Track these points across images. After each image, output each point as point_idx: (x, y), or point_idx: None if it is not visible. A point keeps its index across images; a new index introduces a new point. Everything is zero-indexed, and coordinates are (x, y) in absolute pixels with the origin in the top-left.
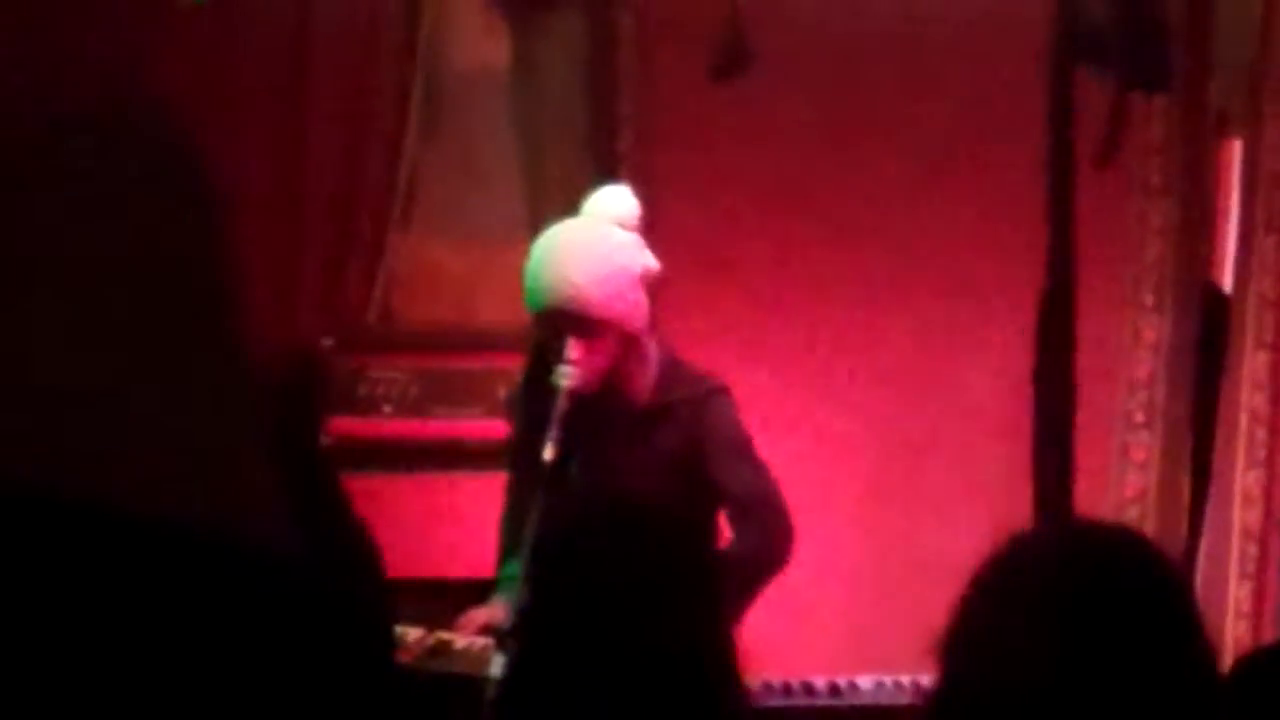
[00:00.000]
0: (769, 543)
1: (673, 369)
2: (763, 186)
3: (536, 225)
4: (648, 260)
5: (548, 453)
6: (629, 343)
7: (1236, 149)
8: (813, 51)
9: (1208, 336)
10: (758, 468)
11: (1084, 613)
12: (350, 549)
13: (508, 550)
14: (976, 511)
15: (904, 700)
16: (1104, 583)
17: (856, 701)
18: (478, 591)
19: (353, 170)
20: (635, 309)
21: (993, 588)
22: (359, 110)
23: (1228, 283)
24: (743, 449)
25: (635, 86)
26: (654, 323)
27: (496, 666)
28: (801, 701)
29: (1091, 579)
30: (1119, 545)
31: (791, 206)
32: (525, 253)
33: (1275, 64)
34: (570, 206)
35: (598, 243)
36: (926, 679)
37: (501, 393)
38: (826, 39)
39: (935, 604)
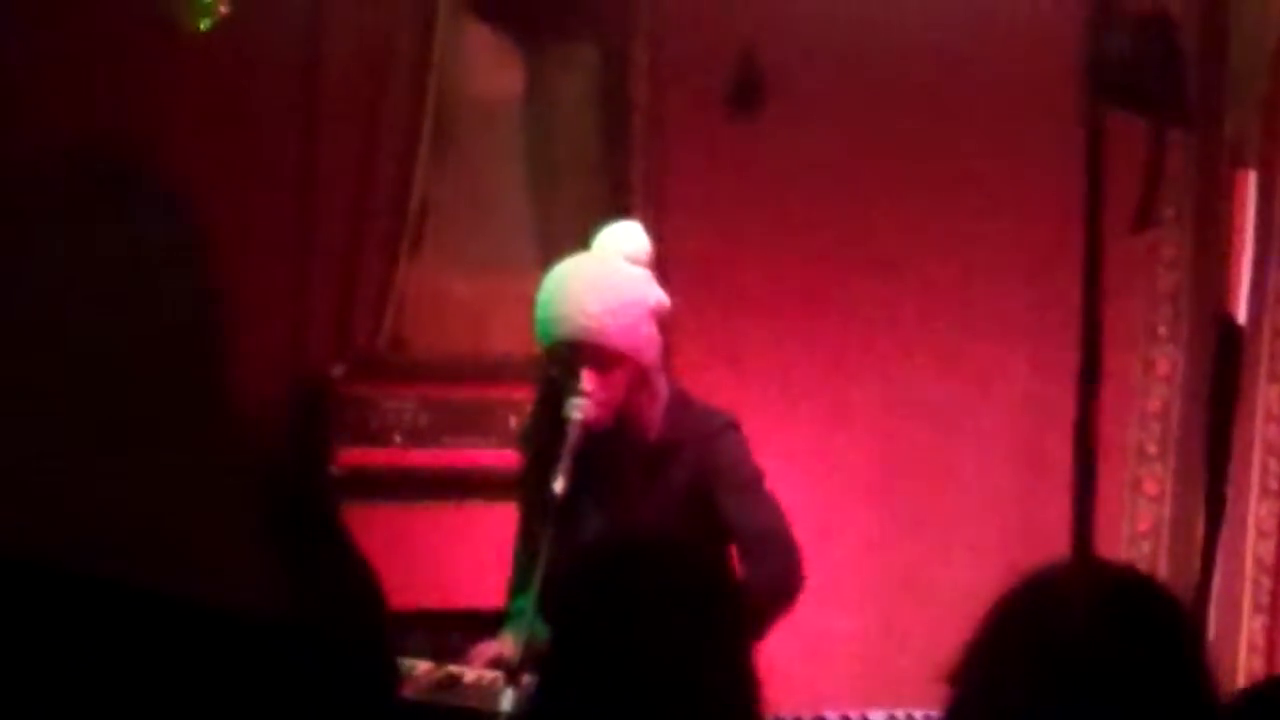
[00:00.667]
0: (778, 578)
1: (683, 404)
2: (777, 217)
3: (548, 255)
4: (660, 295)
5: (558, 485)
6: (641, 377)
7: (1251, 180)
8: (828, 83)
9: (1221, 368)
10: (768, 504)
11: (1091, 655)
12: (352, 582)
13: (518, 583)
14: (990, 542)
15: None
16: (1113, 624)
17: None
18: (488, 622)
19: (363, 199)
20: (649, 343)
21: (1002, 625)
22: (370, 138)
23: (1242, 314)
24: (753, 485)
25: (648, 117)
26: (665, 357)
27: (506, 701)
28: None
29: (1100, 621)
30: (1129, 587)
31: (806, 237)
32: (536, 282)
33: None
34: (582, 237)
35: (611, 276)
36: (937, 713)
37: (512, 422)
38: (843, 70)
39: (947, 634)
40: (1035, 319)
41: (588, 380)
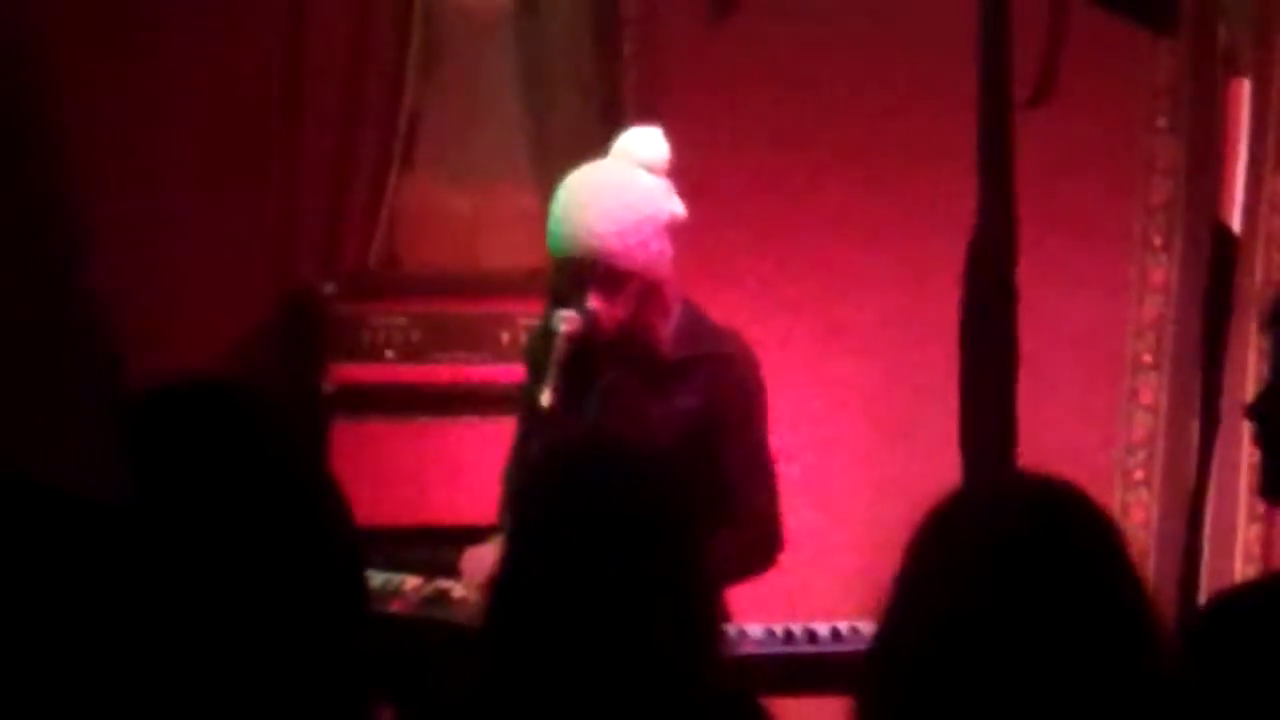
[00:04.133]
0: (752, 552)
1: (695, 322)
2: (770, 126)
3: (540, 169)
4: (675, 207)
5: (545, 399)
6: (650, 292)
7: (1245, 88)
8: None
9: (1216, 277)
10: (765, 473)
11: (1012, 564)
12: (320, 503)
13: (510, 497)
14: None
15: None
16: (1033, 534)
17: (858, 647)
18: (479, 538)
19: (352, 113)
20: (659, 258)
21: (923, 543)
22: (358, 51)
23: (1236, 223)
24: (757, 444)
25: (639, 28)
26: (675, 272)
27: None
28: (804, 648)
29: (1020, 531)
30: (1050, 496)
31: (799, 146)
32: (529, 196)
33: None
34: (574, 149)
35: (623, 188)
36: None
37: (504, 338)
38: None
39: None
40: (1035, 234)
41: (592, 297)
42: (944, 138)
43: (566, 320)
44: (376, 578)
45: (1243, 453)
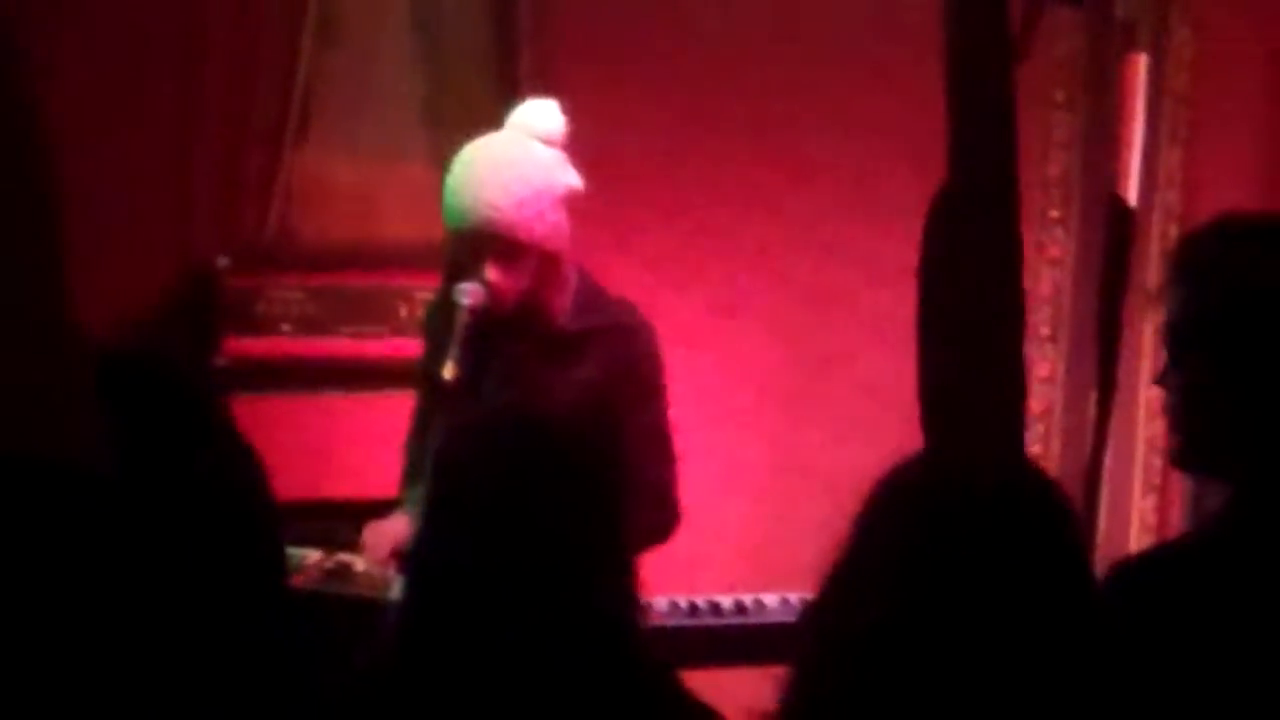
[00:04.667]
0: (649, 534)
1: (593, 294)
2: (666, 103)
3: (436, 142)
4: (571, 179)
5: (447, 371)
6: (547, 264)
7: (1142, 63)
8: None
9: (1112, 251)
10: (663, 448)
11: (946, 541)
12: (238, 471)
13: (411, 471)
14: (884, 428)
15: None
16: (998, 521)
17: (762, 620)
18: (378, 512)
19: (246, 84)
20: (556, 230)
21: (864, 517)
22: (253, 23)
23: (1133, 197)
24: (655, 422)
25: (533, 1)
26: (572, 244)
27: (398, 589)
28: (708, 620)
29: (955, 506)
30: (1018, 482)
31: (697, 124)
32: (424, 168)
33: None
34: (470, 122)
35: (520, 161)
36: None
37: (402, 311)
38: None
39: (840, 521)
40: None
41: (489, 270)
42: (851, 108)
43: (469, 293)
44: None
45: (1138, 425)
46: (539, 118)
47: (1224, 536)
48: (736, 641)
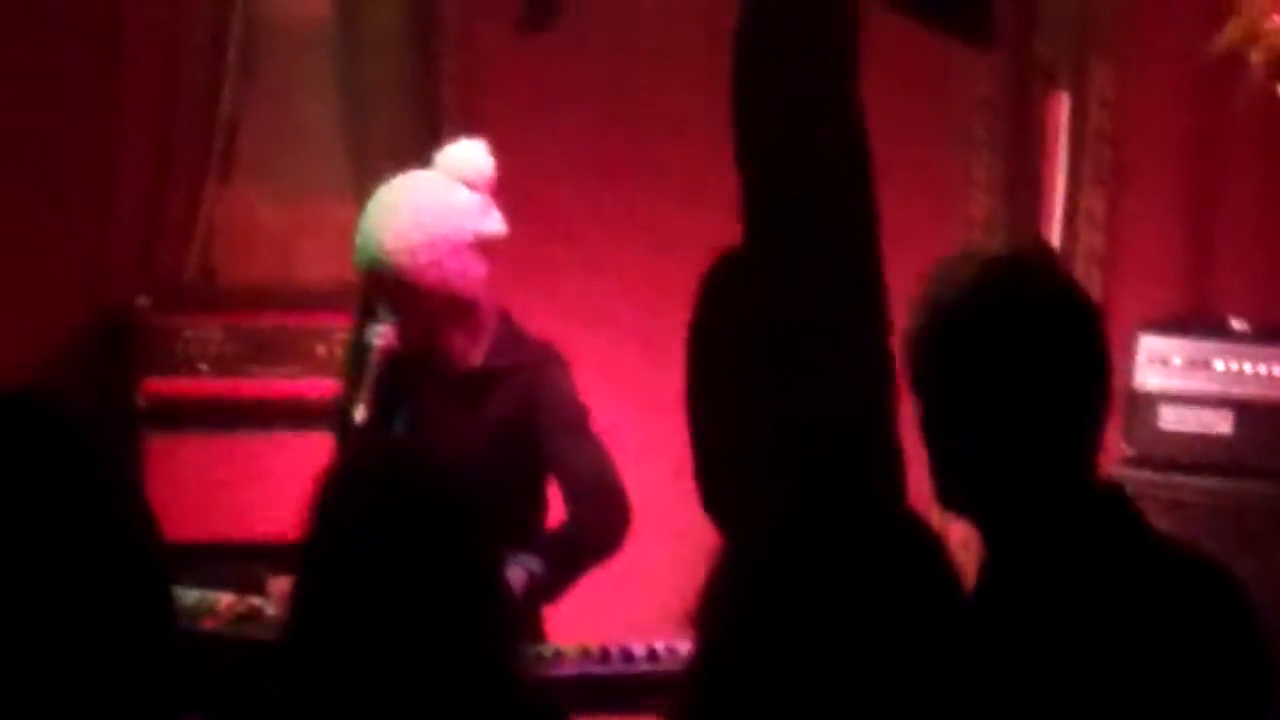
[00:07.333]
0: (602, 525)
1: (510, 335)
2: (588, 142)
3: (358, 182)
4: (486, 224)
5: (358, 414)
6: (451, 308)
7: (1064, 103)
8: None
9: None
10: (595, 448)
11: (841, 591)
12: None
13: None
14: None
15: None
16: (866, 559)
17: (675, 667)
18: (294, 553)
19: (168, 124)
20: (457, 277)
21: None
22: (174, 62)
23: (1055, 238)
24: (580, 425)
25: (457, 40)
26: (490, 286)
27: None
28: (620, 668)
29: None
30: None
31: (620, 160)
32: (346, 208)
33: (1101, 16)
34: (393, 162)
35: (427, 205)
36: None
37: (320, 351)
38: None
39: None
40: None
41: (390, 311)
42: None
43: (381, 335)
44: (190, 595)
45: None
46: (465, 160)
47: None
48: (647, 689)
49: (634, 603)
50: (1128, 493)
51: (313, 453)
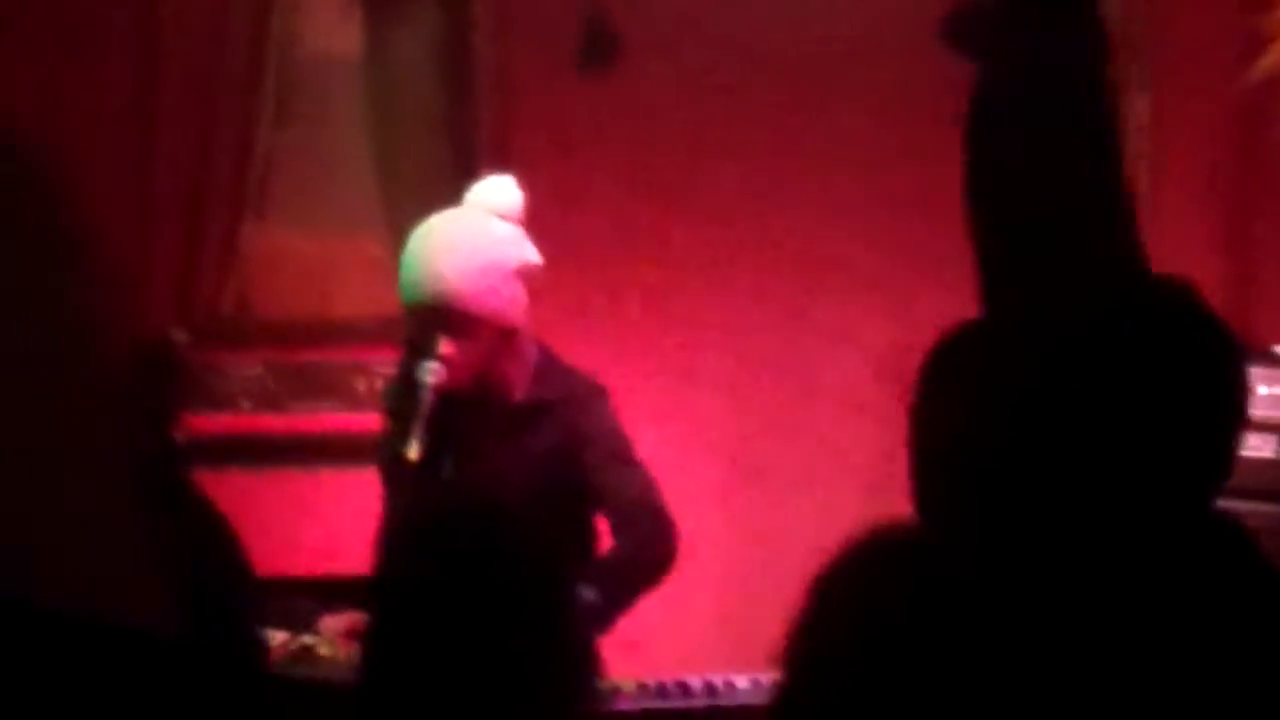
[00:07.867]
0: (651, 548)
1: (549, 366)
2: (623, 175)
3: (393, 215)
4: (527, 254)
5: (412, 452)
6: (503, 339)
7: None
8: (677, 39)
9: None
10: (641, 475)
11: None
12: (216, 548)
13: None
14: (842, 498)
15: None
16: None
17: (733, 701)
18: (340, 590)
19: (205, 160)
20: (510, 305)
21: (826, 599)
22: (210, 98)
23: None
24: (624, 453)
25: (492, 75)
26: (531, 318)
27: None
28: (677, 703)
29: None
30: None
31: (653, 194)
32: (381, 243)
33: (1138, 46)
34: (427, 196)
35: (473, 236)
36: None
37: (359, 386)
38: (692, 28)
39: (797, 592)
40: (884, 273)
41: (444, 344)
42: (807, 181)
43: (433, 372)
44: None
45: None
46: (497, 193)
47: None
48: None
49: (681, 629)
50: (1244, 527)
51: (353, 488)
